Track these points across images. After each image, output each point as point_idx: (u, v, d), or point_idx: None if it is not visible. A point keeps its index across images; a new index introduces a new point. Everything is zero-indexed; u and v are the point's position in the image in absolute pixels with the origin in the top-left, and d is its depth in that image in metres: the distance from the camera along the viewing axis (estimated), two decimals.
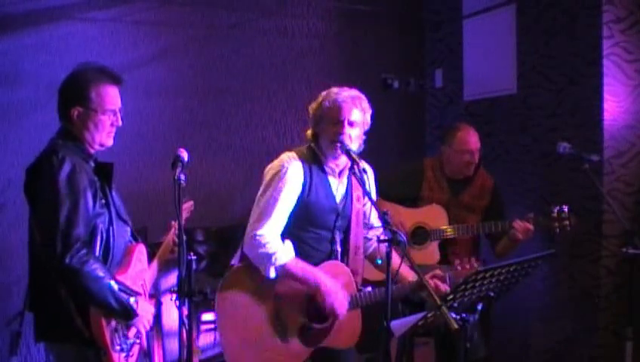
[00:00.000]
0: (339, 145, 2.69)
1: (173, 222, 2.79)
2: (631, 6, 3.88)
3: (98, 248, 2.36)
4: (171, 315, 4.02)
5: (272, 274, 2.66)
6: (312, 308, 2.77)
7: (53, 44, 4.00)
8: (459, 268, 2.86)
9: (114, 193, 2.52)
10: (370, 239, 3.05)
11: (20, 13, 3.90)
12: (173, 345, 4.12)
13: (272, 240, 2.65)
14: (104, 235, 2.38)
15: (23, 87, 3.93)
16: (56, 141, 2.42)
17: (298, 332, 2.76)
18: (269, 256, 2.63)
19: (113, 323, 2.37)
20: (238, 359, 2.73)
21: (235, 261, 2.84)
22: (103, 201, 2.41)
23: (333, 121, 2.72)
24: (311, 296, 2.74)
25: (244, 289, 2.73)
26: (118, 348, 2.36)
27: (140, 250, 2.58)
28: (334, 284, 2.72)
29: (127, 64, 4.15)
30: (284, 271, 2.67)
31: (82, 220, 2.28)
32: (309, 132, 2.85)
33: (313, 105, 2.82)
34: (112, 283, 2.29)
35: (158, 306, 3.97)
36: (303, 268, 2.70)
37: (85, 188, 2.32)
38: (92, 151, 2.48)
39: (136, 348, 2.50)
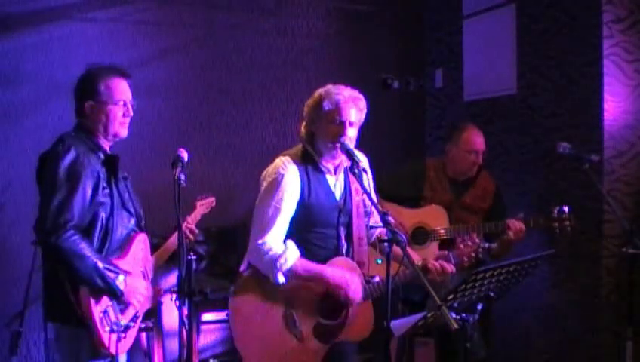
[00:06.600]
0: (339, 145, 2.70)
1: (187, 217, 3.01)
2: (631, 6, 3.87)
3: (97, 234, 2.48)
4: (171, 315, 4.02)
5: (281, 279, 2.67)
6: (325, 305, 2.78)
7: (53, 44, 4.00)
8: (461, 246, 2.84)
9: (122, 184, 2.62)
10: (374, 227, 3.04)
11: (20, 13, 3.91)
12: (173, 345, 4.11)
13: (275, 246, 2.67)
14: (104, 223, 2.49)
15: (23, 87, 3.94)
16: (67, 132, 2.57)
17: (313, 331, 2.77)
18: (274, 261, 2.64)
19: (103, 304, 2.43)
20: None
21: (243, 267, 2.85)
22: (107, 191, 2.51)
23: (334, 122, 2.71)
24: (322, 293, 2.75)
25: (254, 297, 2.75)
26: (107, 328, 2.43)
27: (141, 239, 2.67)
28: (342, 274, 2.73)
29: (127, 64, 4.12)
30: (291, 274, 2.68)
31: (76, 207, 2.40)
32: (303, 130, 2.84)
33: (310, 103, 2.79)
34: (98, 261, 2.38)
35: (159, 306, 3.97)
36: (307, 266, 2.71)
37: (85, 178, 2.44)
38: (105, 143, 2.61)
39: (132, 331, 2.55)
